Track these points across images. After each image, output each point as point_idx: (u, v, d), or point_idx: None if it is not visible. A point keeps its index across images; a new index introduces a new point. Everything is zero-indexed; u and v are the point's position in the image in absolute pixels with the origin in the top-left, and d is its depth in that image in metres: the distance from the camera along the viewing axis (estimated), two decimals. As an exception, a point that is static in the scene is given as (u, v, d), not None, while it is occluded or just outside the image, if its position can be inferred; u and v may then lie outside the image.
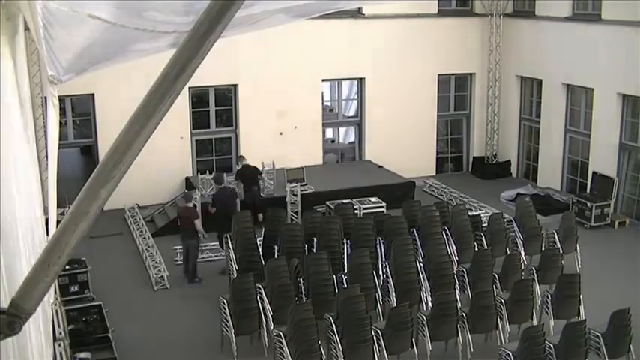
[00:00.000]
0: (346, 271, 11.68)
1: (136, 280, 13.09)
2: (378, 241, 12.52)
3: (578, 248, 13.17)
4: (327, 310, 10.18)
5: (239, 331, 10.29)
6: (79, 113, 18.30)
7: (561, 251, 12.46)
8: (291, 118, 18.44)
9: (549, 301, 10.73)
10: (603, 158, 16.80)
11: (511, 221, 13.73)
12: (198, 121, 18.38)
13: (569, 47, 17.61)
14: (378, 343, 9.53)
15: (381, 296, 11.27)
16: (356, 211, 14.78)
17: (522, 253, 12.71)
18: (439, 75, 20.06)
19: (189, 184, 17.57)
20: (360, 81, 19.53)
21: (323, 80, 18.74)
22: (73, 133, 17.97)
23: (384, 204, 15.65)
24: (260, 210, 14.43)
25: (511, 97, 20.11)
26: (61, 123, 16.20)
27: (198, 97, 18.48)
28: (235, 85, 18.17)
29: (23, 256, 3.53)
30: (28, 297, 1.54)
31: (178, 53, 1.49)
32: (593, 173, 16.99)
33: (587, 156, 17.51)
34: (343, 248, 12.35)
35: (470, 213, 14.11)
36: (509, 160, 20.44)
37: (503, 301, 10.60)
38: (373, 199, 15.86)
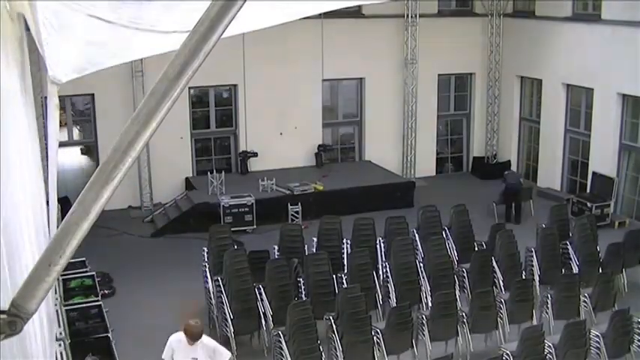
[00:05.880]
0: (346, 271, 11.68)
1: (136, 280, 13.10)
2: (378, 241, 12.52)
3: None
4: (327, 310, 10.18)
5: (239, 331, 10.30)
6: (79, 113, 18.31)
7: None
8: (291, 118, 18.45)
9: (549, 301, 10.73)
10: (603, 158, 16.81)
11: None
12: (199, 121, 18.40)
13: (569, 47, 17.62)
14: (378, 343, 9.53)
15: (381, 296, 11.27)
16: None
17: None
18: (439, 75, 20.07)
19: (189, 184, 17.59)
20: (360, 81, 19.54)
21: (323, 80, 18.75)
22: (73, 133, 17.99)
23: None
24: None
25: (511, 97, 20.11)
26: (60, 123, 16.21)
27: (198, 97, 18.50)
28: (235, 85, 18.18)
29: (29, 254, 3.52)
30: (29, 297, 1.54)
31: (179, 53, 1.49)
32: (593, 173, 16.99)
33: (587, 156, 17.51)
34: (343, 248, 12.36)
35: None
36: (510, 160, 20.44)
37: (503, 301, 10.60)
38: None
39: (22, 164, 3.60)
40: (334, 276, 11.22)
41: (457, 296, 10.81)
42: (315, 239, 12.57)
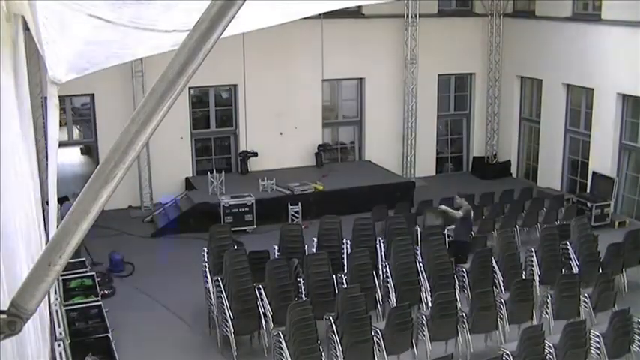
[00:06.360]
0: (346, 271, 11.68)
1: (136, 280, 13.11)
2: (378, 241, 12.52)
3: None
4: (327, 310, 10.18)
5: (239, 331, 10.29)
6: (79, 113, 18.32)
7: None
8: (291, 118, 18.45)
9: (549, 301, 10.73)
10: (603, 158, 16.81)
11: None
12: (199, 121, 18.40)
13: (569, 47, 17.62)
14: (378, 343, 9.53)
15: (381, 296, 11.27)
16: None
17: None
18: (439, 75, 20.07)
19: (189, 184, 17.58)
20: (360, 81, 19.55)
21: (323, 80, 18.75)
22: (73, 133, 17.99)
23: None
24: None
25: (511, 97, 20.12)
26: (60, 123, 16.22)
27: (198, 97, 18.50)
28: (235, 85, 18.18)
29: (23, 255, 3.52)
30: (28, 297, 1.54)
31: (179, 53, 1.49)
32: (593, 173, 16.99)
33: (587, 156, 17.52)
34: (343, 248, 12.35)
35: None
36: (509, 160, 20.45)
37: (503, 301, 10.60)
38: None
39: (15, 165, 3.60)
40: (334, 276, 11.21)
41: (457, 296, 10.80)
42: (315, 239, 12.56)
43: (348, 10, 17.62)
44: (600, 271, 11.85)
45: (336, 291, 10.84)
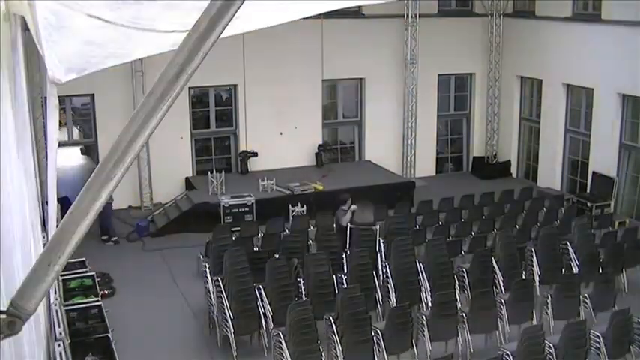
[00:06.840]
0: (346, 271, 11.68)
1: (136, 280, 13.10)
2: (378, 241, 12.52)
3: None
4: (327, 310, 10.17)
5: (239, 331, 10.29)
6: (79, 113, 18.33)
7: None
8: (291, 118, 18.45)
9: (549, 301, 10.73)
10: (603, 158, 16.81)
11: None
12: (199, 121, 18.40)
13: (569, 47, 17.62)
14: (378, 343, 9.53)
15: (381, 296, 11.27)
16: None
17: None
18: (439, 75, 20.07)
19: (189, 184, 17.58)
20: (360, 81, 19.54)
21: (323, 80, 18.75)
22: (73, 133, 17.99)
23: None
24: None
25: (511, 97, 20.12)
26: (60, 123, 16.22)
27: (198, 97, 18.50)
28: (235, 85, 18.18)
29: (19, 255, 3.52)
30: (28, 297, 1.53)
31: (178, 53, 1.49)
32: (593, 173, 17.00)
33: (587, 156, 17.52)
34: (343, 248, 12.35)
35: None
36: (509, 160, 20.44)
37: (503, 301, 10.60)
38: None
39: (11, 165, 3.60)
40: (334, 276, 11.21)
41: (457, 296, 10.80)
42: (314, 239, 12.57)
43: (348, 10, 17.60)
44: (600, 271, 11.85)
45: (336, 291, 10.84)
